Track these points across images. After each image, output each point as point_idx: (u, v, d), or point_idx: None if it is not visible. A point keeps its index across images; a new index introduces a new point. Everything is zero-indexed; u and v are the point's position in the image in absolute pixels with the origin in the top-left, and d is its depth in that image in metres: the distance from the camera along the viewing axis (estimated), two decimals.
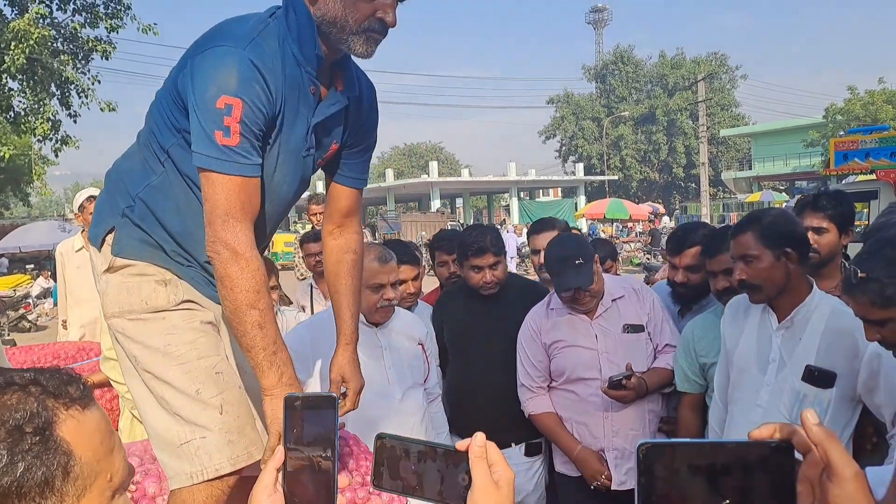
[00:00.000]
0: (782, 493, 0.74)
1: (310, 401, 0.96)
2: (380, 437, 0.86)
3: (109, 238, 1.76)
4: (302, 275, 5.66)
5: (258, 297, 1.55)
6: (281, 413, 1.49)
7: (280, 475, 0.95)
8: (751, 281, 2.26)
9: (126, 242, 1.74)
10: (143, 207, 1.74)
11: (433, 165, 44.29)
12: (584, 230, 26.44)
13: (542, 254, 3.45)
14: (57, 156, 15.20)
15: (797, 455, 0.75)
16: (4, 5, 13.58)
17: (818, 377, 2.13)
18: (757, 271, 2.24)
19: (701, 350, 2.74)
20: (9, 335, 12.78)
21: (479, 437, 0.82)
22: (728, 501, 0.74)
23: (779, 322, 2.30)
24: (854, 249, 2.91)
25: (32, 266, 24.54)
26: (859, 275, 1.69)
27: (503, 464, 0.82)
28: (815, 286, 2.32)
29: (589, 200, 40.99)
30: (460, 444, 0.84)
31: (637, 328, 2.87)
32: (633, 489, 2.78)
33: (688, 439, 0.78)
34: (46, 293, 19.91)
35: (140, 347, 1.70)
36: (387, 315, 2.66)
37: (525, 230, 28.72)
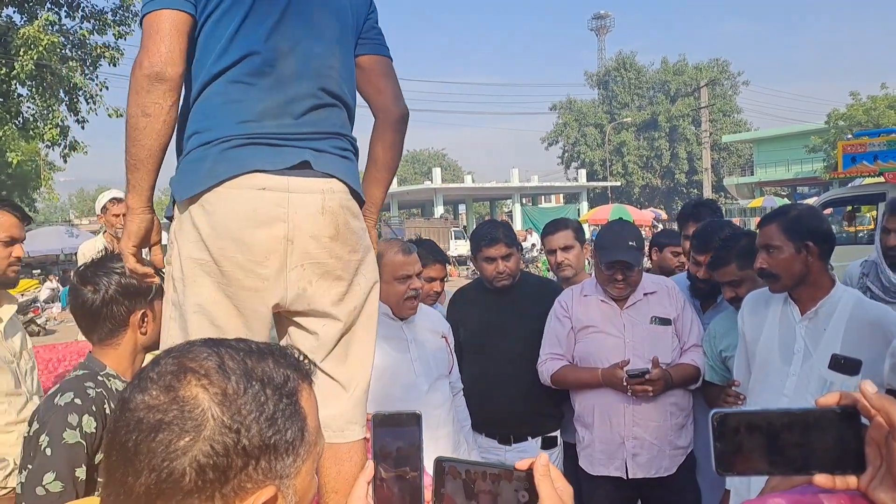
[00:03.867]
0: (852, 454, 0.80)
1: (395, 417, 0.99)
2: (439, 460, 0.89)
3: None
4: None
5: None
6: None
7: (370, 488, 0.98)
8: (771, 270, 2.34)
9: None
10: None
11: (436, 172, 44.29)
12: (587, 236, 26.28)
13: (558, 253, 3.49)
14: (66, 161, 15.27)
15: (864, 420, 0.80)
16: (14, 12, 13.69)
17: (844, 365, 2.21)
18: (777, 261, 2.32)
19: (723, 345, 2.85)
20: None
21: (544, 457, 0.86)
22: (800, 463, 0.79)
23: (801, 314, 2.37)
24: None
25: (39, 271, 24.61)
26: None
27: (563, 479, 0.86)
28: (837, 281, 2.38)
29: (591, 206, 40.96)
30: (519, 464, 0.87)
31: (665, 321, 2.93)
32: (648, 478, 2.83)
33: (757, 408, 0.82)
34: (54, 297, 19.97)
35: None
36: (414, 307, 2.72)
37: (528, 236, 28.72)
